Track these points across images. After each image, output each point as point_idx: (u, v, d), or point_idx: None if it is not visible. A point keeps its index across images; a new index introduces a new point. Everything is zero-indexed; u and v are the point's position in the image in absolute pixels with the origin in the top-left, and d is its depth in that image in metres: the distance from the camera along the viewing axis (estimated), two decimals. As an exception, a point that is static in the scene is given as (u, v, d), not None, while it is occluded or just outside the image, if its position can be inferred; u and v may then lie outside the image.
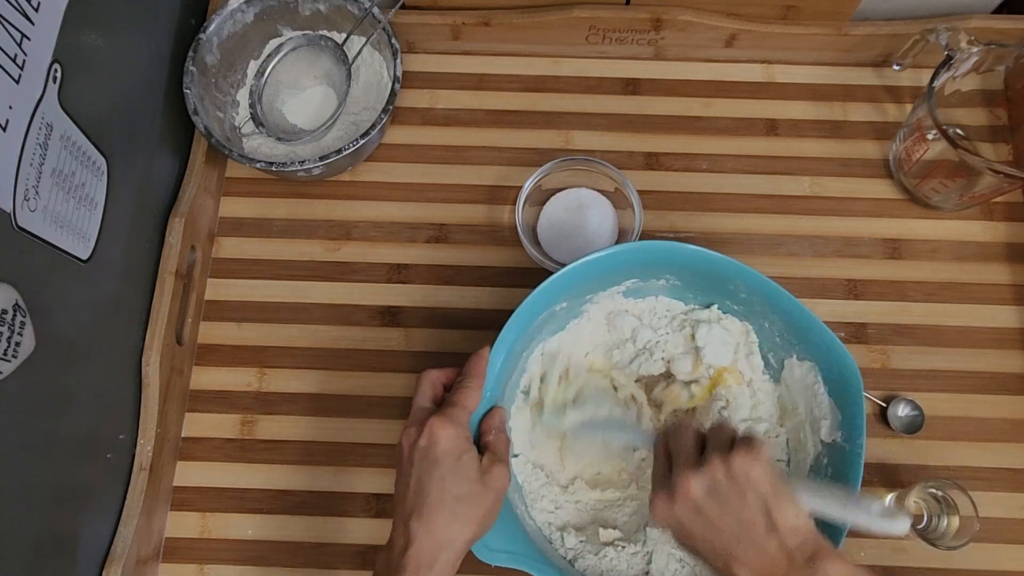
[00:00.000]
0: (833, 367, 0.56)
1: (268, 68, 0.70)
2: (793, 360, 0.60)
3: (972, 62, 0.66)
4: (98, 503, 0.56)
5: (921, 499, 0.62)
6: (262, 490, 0.65)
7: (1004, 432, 0.65)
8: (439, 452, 0.49)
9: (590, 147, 0.73)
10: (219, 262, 0.71)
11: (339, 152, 0.64)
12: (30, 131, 0.46)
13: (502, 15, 0.72)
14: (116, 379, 0.58)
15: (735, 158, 0.73)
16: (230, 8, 0.67)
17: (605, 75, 0.76)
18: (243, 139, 0.70)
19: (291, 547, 0.64)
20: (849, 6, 0.70)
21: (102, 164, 0.55)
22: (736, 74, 0.76)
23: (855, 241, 0.71)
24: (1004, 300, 0.69)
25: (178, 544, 0.63)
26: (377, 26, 0.68)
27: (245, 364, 0.68)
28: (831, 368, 0.57)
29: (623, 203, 0.68)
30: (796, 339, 0.59)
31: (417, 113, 0.75)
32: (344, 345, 0.68)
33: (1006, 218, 0.71)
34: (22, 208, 0.45)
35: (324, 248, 0.71)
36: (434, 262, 0.71)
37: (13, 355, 0.44)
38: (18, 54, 0.44)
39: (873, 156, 0.73)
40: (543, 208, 0.70)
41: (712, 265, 0.58)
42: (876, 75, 0.76)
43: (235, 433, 0.66)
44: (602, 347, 0.65)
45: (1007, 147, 0.72)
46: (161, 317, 0.62)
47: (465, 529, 0.49)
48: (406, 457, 0.51)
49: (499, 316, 0.56)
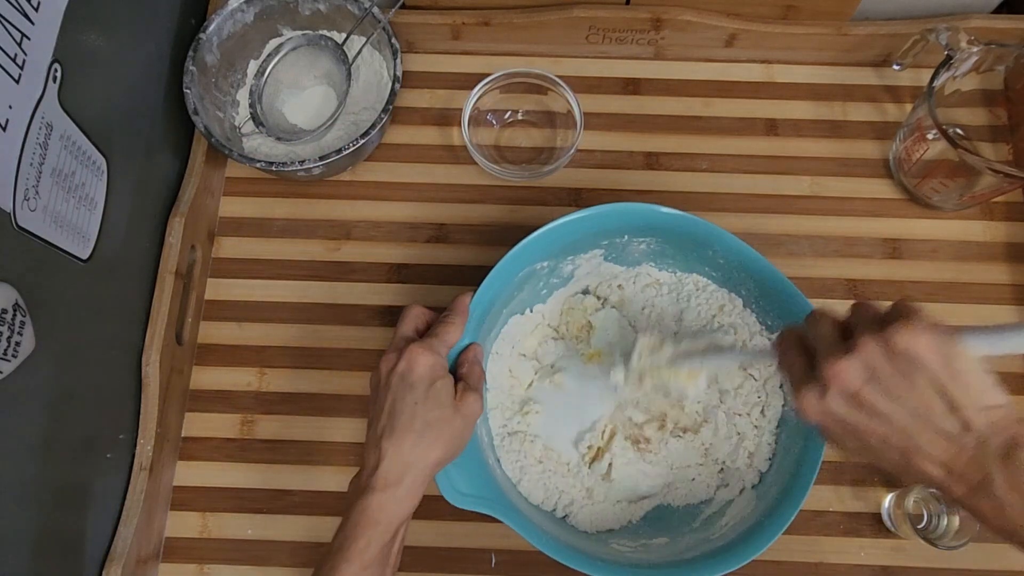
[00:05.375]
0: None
1: (268, 68, 0.70)
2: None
3: (972, 62, 0.66)
4: (98, 503, 0.56)
5: (921, 499, 0.62)
6: (262, 490, 0.65)
7: (1004, 432, 0.65)
8: (415, 377, 0.51)
9: (590, 147, 0.73)
10: (219, 262, 0.71)
11: (339, 152, 0.64)
12: (30, 131, 0.46)
13: (502, 15, 0.72)
14: (116, 379, 0.58)
15: (735, 158, 0.73)
16: (230, 8, 0.67)
17: (605, 75, 0.76)
18: (243, 139, 0.70)
19: (291, 547, 0.64)
20: (849, 6, 0.70)
21: (102, 164, 0.55)
22: (736, 74, 0.76)
23: (855, 241, 0.71)
24: (1004, 300, 0.69)
25: (178, 544, 0.63)
26: (377, 26, 0.68)
27: (245, 364, 0.68)
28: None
29: (571, 123, 0.71)
30: (770, 304, 0.61)
31: (417, 113, 0.75)
32: (344, 345, 0.68)
33: (1006, 218, 0.71)
34: (22, 208, 0.45)
35: (324, 248, 0.71)
36: (434, 262, 0.71)
37: (13, 355, 0.44)
38: (18, 54, 0.44)
39: (873, 156, 0.73)
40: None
41: (689, 227, 0.59)
42: (876, 75, 0.76)
43: (235, 433, 0.66)
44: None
45: (1007, 147, 0.72)
46: (161, 317, 0.62)
47: (432, 450, 0.50)
48: (383, 381, 0.52)
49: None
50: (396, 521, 0.49)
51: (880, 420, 0.40)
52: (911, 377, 0.39)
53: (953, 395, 0.38)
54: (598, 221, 0.59)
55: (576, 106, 0.69)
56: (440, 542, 0.63)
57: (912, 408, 0.39)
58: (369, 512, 0.48)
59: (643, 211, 0.59)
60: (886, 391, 0.39)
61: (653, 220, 0.59)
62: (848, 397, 0.40)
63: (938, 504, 0.62)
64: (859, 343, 0.40)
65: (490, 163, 0.69)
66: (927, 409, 0.39)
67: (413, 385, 0.51)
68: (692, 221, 0.59)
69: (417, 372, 0.51)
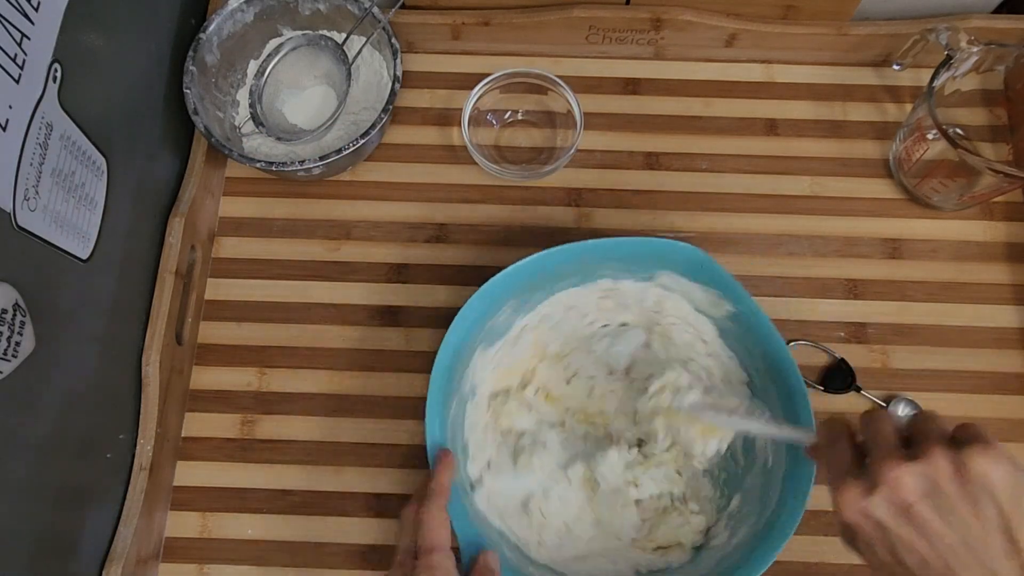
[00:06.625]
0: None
1: (268, 68, 0.70)
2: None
3: (972, 62, 0.66)
4: (98, 503, 0.56)
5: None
6: (262, 490, 0.65)
7: (1004, 432, 0.65)
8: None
9: (590, 147, 0.73)
10: (219, 262, 0.71)
11: (339, 152, 0.64)
12: (30, 131, 0.46)
13: (502, 15, 0.72)
14: (116, 379, 0.58)
15: (735, 158, 0.73)
16: (230, 8, 0.67)
17: (605, 75, 0.76)
18: (243, 139, 0.70)
19: (291, 547, 0.64)
20: (849, 6, 0.70)
21: (102, 164, 0.55)
22: (736, 74, 0.76)
23: (855, 241, 0.71)
24: (1004, 300, 0.69)
25: (178, 544, 0.63)
26: (377, 26, 0.68)
27: (245, 364, 0.68)
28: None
29: (571, 123, 0.71)
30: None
31: (417, 113, 0.75)
32: (344, 345, 0.68)
33: (1006, 218, 0.71)
34: (22, 208, 0.45)
35: (324, 248, 0.71)
36: (434, 262, 0.71)
37: (13, 355, 0.44)
38: (18, 54, 0.44)
39: (873, 156, 0.73)
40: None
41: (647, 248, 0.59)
42: (876, 75, 0.76)
43: (235, 433, 0.66)
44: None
45: (1007, 147, 0.72)
46: (161, 317, 0.62)
47: None
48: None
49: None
50: None
51: (927, 540, 0.37)
52: (977, 505, 0.36)
53: (1016, 535, 0.36)
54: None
55: (576, 106, 0.69)
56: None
57: (966, 537, 0.36)
58: None
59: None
60: (945, 511, 0.37)
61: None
62: (899, 505, 0.38)
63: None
64: (928, 454, 0.37)
65: (490, 163, 0.69)
66: (984, 543, 0.36)
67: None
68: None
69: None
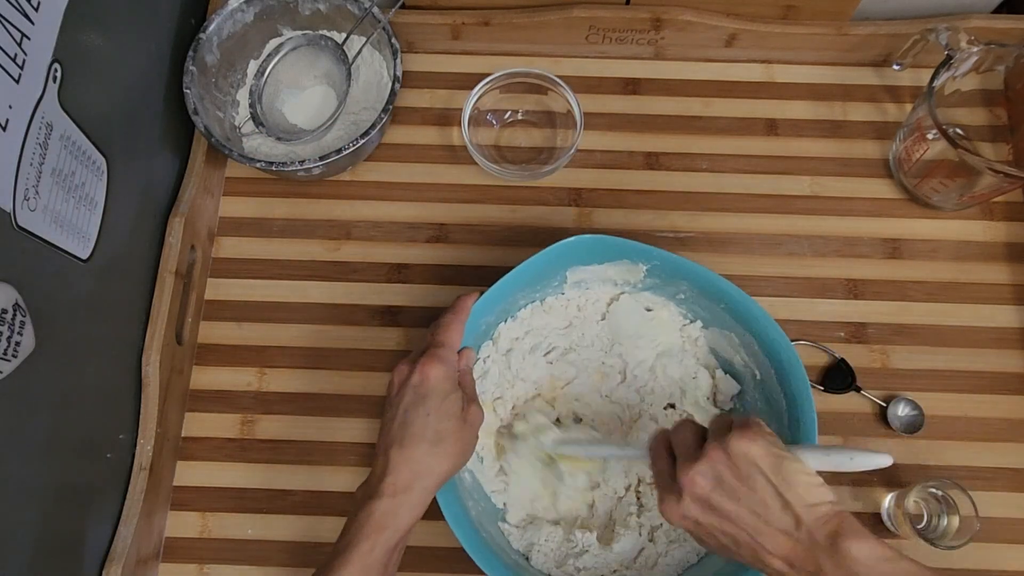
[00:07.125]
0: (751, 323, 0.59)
1: (268, 68, 0.70)
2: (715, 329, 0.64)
3: (972, 62, 0.66)
4: (98, 503, 0.56)
5: (921, 499, 0.62)
6: (262, 490, 0.65)
7: (1004, 432, 0.65)
8: (427, 389, 0.52)
9: (590, 147, 0.73)
10: (219, 262, 0.71)
11: (339, 152, 0.64)
12: (30, 131, 0.46)
13: (502, 15, 0.72)
14: (116, 379, 0.58)
15: (735, 158, 0.73)
16: (230, 8, 0.67)
17: (605, 75, 0.76)
18: (243, 139, 0.70)
19: (291, 547, 0.64)
20: (849, 6, 0.70)
21: (102, 164, 0.55)
22: (736, 74, 0.76)
23: (855, 241, 0.71)
24: (1004, 300, 0.69)
25: (178, 544, 0.63)
26: (377, 26, 0.68)
27: (245, 364, 0.68)
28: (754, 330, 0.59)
29: (571, 123, 0.71)
30: (709, 300, 0.62)
31: (417, 113, 0.75)
32: (344, 345, 0.68)
33: (1006, 218, 0.71)
34: (22, 208, 0.45)
35: (324, 248, 0.71)
36: (434, 262, 0.71)
37: (13, 355, 0.44)
38: (18, 54, 0.44)
39: (873, 156, 0.73)
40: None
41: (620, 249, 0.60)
42: (876, 75, 0.76)
43: (235, 433, 0.66)
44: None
45: (1007, 147, 0.72)
46: (161, 317, 0.62)
47: (444, 462, 0.51)
48: (396, 392, 0.53)
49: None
50: (403, 528, 0.49)
51: (729, 521, 0.44)
52: (750, 480, 0.43)
53: (784, 494, 0.43)
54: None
55: (576, 106, 0.69)
56: (440, 542, 0.63)
57: (752, 508, 0.43)
58: (376, 517, 0.48)
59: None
60: (730, 494, 0.44)
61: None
62: (701, 501, 0.45)
63: (938, 504, 0.62)
64: (707, 450, 0.45)
65: (490, 163, 0.69)
66: (765, 508, 0.43)
67: (425, 397, 0.52)
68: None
69: (429, 384, 0.52)
